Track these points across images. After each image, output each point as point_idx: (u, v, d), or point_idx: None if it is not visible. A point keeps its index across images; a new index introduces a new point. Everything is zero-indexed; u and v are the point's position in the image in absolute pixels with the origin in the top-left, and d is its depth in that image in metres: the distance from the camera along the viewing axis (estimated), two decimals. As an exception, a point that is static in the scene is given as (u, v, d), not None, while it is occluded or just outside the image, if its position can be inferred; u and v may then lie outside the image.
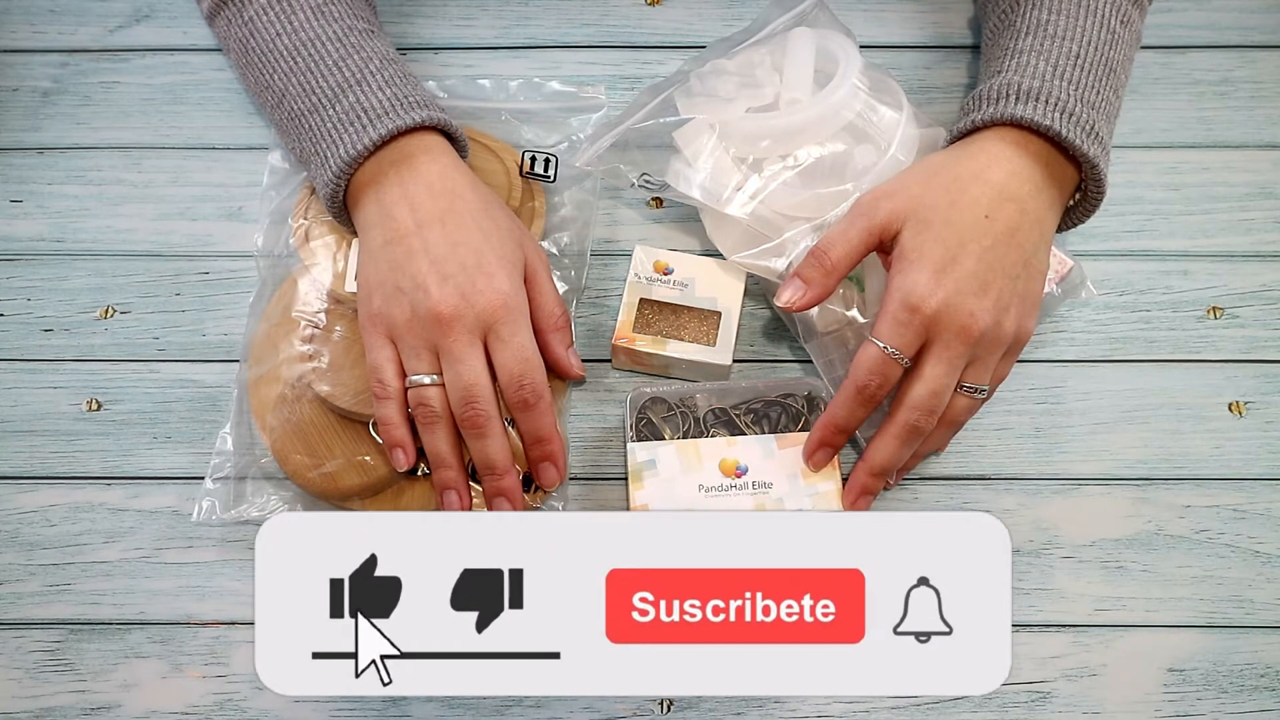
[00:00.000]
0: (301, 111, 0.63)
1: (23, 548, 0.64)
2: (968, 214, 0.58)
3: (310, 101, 0.63)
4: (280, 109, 0.65)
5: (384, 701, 0.60)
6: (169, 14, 0.78)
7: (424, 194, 0.60)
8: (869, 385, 0.58)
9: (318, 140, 0.62)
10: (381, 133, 0.60)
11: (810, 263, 0.60)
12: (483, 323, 0.58)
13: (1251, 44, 0.77)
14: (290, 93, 0.64)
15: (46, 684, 0.61)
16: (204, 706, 0.60)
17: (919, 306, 0.57)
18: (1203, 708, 0.61)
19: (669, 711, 0.60)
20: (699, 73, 0.69)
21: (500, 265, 0.59)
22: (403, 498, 0.63)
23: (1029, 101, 0.60)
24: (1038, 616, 0.62)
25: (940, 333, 0.57)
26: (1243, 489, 0.65)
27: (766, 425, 0.64)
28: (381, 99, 0.62)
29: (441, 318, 0.58)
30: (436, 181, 0.61)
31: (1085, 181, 0.62)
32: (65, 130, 0.75)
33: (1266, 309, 0.70)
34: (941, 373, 0.57)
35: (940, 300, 0.56)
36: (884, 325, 0.57)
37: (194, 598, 0.63)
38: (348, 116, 0.61)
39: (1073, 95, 0.60)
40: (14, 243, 0.71)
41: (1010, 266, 0.58)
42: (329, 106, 0.62)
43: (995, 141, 0.60)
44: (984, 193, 0.59)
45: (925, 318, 0.57)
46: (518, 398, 0.59)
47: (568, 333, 0.64)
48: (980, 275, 0.57)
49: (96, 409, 0.67)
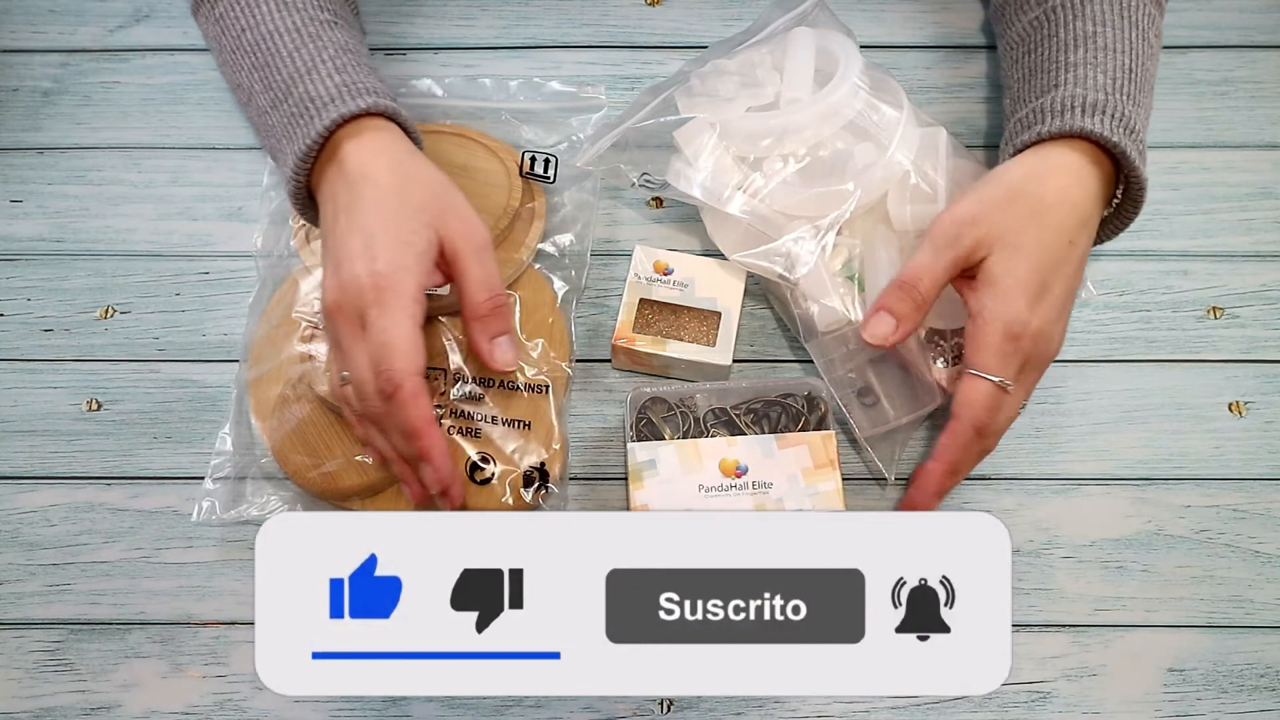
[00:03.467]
0: (265, 108, 0.62)
1: (23, 548, 0.64)
2: (1054, 239, 0.58)
3: (270, 97, 0.62)
4: (250, 106, 0.64)
5: (384, 701, 0.60)
6: (169, 14, 0.78)
7: (341, 186, 0.58)
8: (988, 423, 0.58)
9: (278, 138, 0.61)
10: (326, 125, 0.58)
11: (899, 296, 0.59)
12: (358, 309, 0.56)
13: (1251, 44, 0.77)
14: (256, 89, 0.63)
15: (46, 684, 0.61)
16: (204, 706, 0.60)
17: (1020, 335, 0.57)
18: (1203, 708, 0.61)
19: (669, 711, 0.60)
20: (699, 73, 0.69)
21: (387, 247, 0.56)
22: (403, 498, 0.63)
23: (1096, 115, 0.59)
24: (1038, 616, 0.62)
25: (1031, 359, 0.58)
26: (1243, 489, 0.65)
27: (766, 425, 0.64)
28: (327, 87, 0.60)
29: (329, 311, 0.57)
30: (353, 171, 0.58)
31: (1126, 195, 0.62)
32: (65, 130, 0.75)
33: (1266, 309, 0.70)
34: (1022, 397, 0.59)
35: (1035, 329, 0.57)
36: (990, 358, 0.57)
37: (194, 598, 0.63)
38: (298, 110, 0.60)
39: (1129, 110, 0.60)
40: (14, 243, 0.71)
41: (1072, 288, 0.59)
42: (284, 102, 0.61)
43: (1069, 155, 0.60)
44: (1069, 217, 0.59)
45: (1024, 346, 0.57)
46: (375, 388, 0.55)
47: (495, 320, 0.59)
48: (1063, 301, 0.59)
49: (96, 409, 0.67)
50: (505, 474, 0.62)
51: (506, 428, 0.63)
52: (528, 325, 0.66)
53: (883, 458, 0.64)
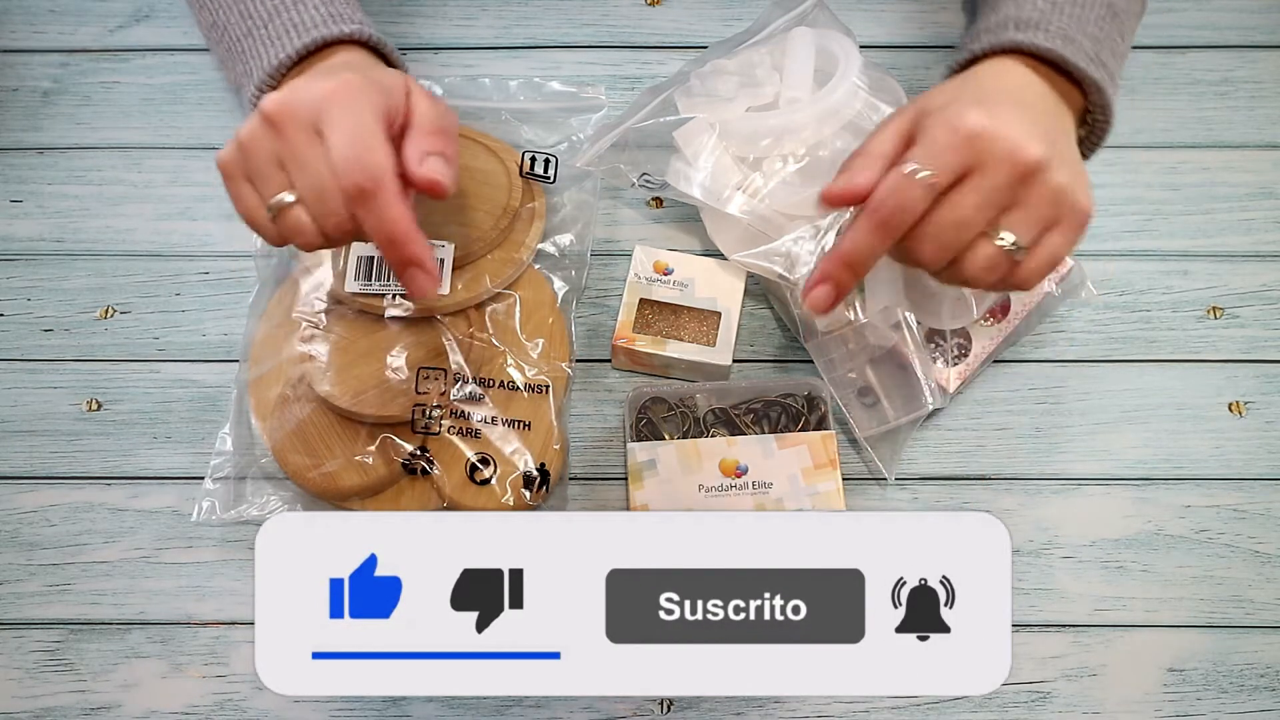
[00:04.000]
0: (238, 37, 0.61)
1: (23, 548, 0.64)
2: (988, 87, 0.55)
3: (246, 26, 0.61)
4: (223, 42, 0.63)
5: (384, 701, 0.60)
6: (169, 14, 0.78)
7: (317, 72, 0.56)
8: (883, 208, 0.50)
9: (247, 60, 0.60)
10: (305, 42, 0.57)
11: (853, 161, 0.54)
12: (314, 115, 0.51)
13: (1251, 44, 0.77)
14: (231, 22, 0.62)
15: (46, 684, 0.61)
16: (204, 706, 0.60)
17: (960, 124, 0.50)
18: (1203, 708, 0.61)
19: (669, 711, 0.60)
20: (699, 73, 0.69)
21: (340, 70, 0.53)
22: (402, 498, 0.63)
23: (1028, 29, 0.57)
24: (1038, 616, 0.62)
25: (984, 159, 0.49)
26: (1243, 489, 0.65)
27: (766, 425, 0.64)
28: (315, 15, 0.59)
29: (272, 118, 0.51)
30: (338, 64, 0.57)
31: (1092, 110, 0.59)
32: (65, 130, 0.75)
33: (1266, 309, 0.70)
34: (973, 201, 0.50)
35: (986, 123, 0.49)
36: (916, 149, 0.51)
37: (194, 598, 0.63)
38: (277, 33, 0.59)
39: (1075, 28, 0.57)
40: (14, 243, 0.71)
41: (1047, 126, 0.52)
42: (263, 27, 0.60)
43: (999, 64, 0.57)
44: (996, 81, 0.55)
45: (970, 135, 0.49)
46: (351, 185, 0.49)
47: (437, 138, 0.53)
48: (1020, 118, 0.51)
49: (96, 409, 0.67)
50: (505, 474, 0.62)
51: (506, 428, 0.63)
52: (528, 325, 0.66)
53: (883, 458, 0.64)
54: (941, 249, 0.51)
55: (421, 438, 0.62)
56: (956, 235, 0.50)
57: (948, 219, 0.50)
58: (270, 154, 0.51)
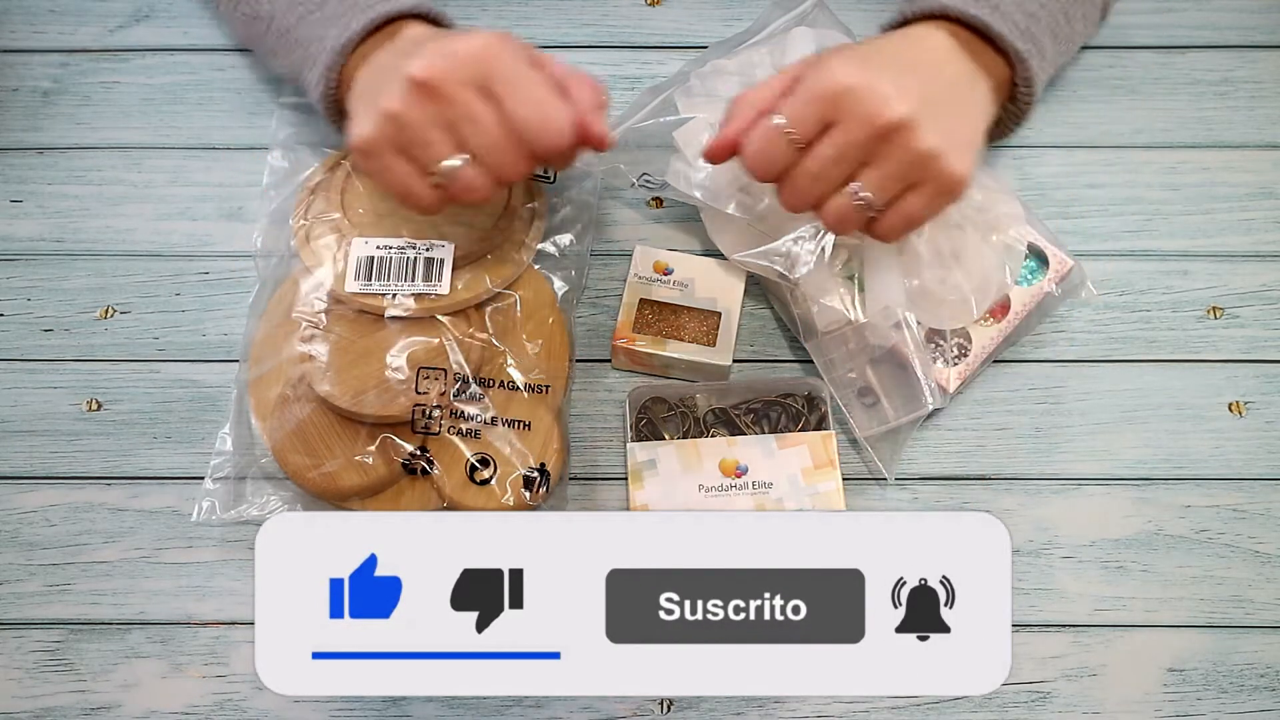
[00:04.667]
0: (290, 25, 0.62)
1: (23, 548, 0.64)
2: (887, 49, 0.56)
3: (298, 13, 0.62)
4: (270, 33, 0.64)
5: (384, 701, 0.60)
6: (169, 14, 0.78)
7: (408, 43, 0.56)
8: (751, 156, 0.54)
9: (307, 45, 0.61)
10: (370, 18, 0.58)
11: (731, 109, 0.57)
12: (476, 74, 0.52)
13: (1251, 44, 0.77)
14: (279, 12, 0.63)
15: (46, 684, 0.61)
16: (204, 706, 0.60)
17: (827, 78, 0.52)
18: (1203, 708, 0.61)
19: (669, 711, 0.60)
20: (699, 73, 0.69)
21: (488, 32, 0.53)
22: (402, 498, 0.63)
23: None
24: (1038, 616, 0.62)
25: (845, 113, 0.52)
26: (1243, 489, 0.65)
27: (766, 425, 0.64)
28: None
29: (428, 83, 0.51)
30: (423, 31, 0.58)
31: (1016, 83, 0.59)
32: (65, 130, 0.75)
33: (1266, 309, 0.70)
34: (829, 154, 0.53)
35: (854, 78, 0.51)
36: (787, 102, 0.53)
37: (194, 598, 0.63)
38: (335, 14, 0.60)
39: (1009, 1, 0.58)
40: (14, 243, 0.71)
41: (932, 91, 0.53)
42: (317, 11, 0.61)
43: (923, 29, 0.57)
44: (898, 41, 0.56)
45: (835, 90, 0.51)
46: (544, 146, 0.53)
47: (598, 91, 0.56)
48: (898, 79, 0.52)
49: (96, 409, 0.67)
50: (505, 474, 0.62)
51: (506, 428, 0.63)
52: (528, 325, 0.66)
53: (883, 458, 0.64)
54: (801, 196, 0.55)
55: (421, 438, 0.62)
56: (813, 185, 0.54)
57: (806, 169, 0.53)
58: (432, 120, 0.52)
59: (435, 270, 0.64)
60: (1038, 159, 0.74)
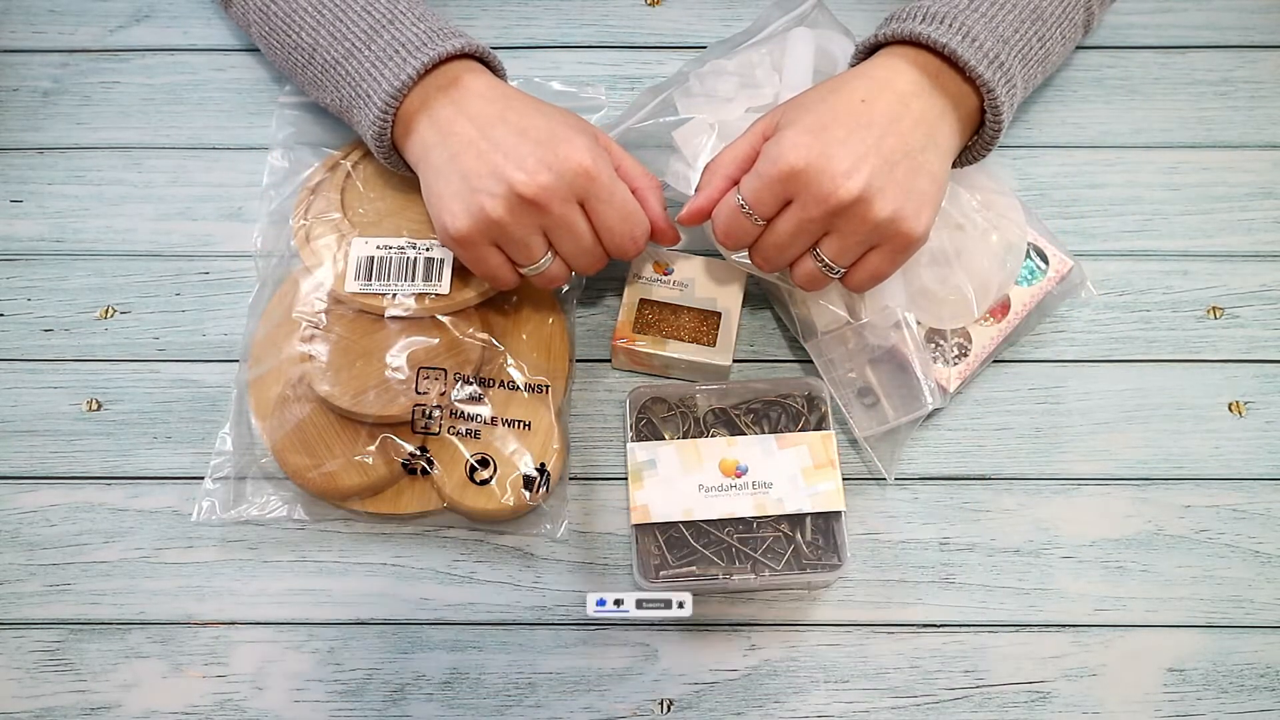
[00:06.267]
0: (336, 59, 0.62)
1: (23, 548, 0.64)
2: (843, 99, 0.57)
3: (344, 48, 0.62)
4: (313, 64, 0.64)
5: (384, 701, 0.60)
6: (169, 14, 0.78)
7: (478, 103, 0.60)
8: (720, 231, 0.60)
9: (358, 82, 0.61)
10: (424, 61, 0.59)
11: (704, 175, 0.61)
12: (576, 189, 0.58)
13: (1251, 44, 0.77)
14: (321, 44, 0.63)
15: (46, 684, 0.61)
16: (204, 706, 0.60)
17: (780, 160, 0.55)
18: (1203, 708, 0.61)
19: (669, 711, 0.60)
20: (699, 73, 0.69)
21: (576, 133, 0.59)
22: (402, 498, 0.63)
23: (931, 23, 0.58)
24: (1038, 616, 0.62)
25: (799, 193, 0.56)
26: (1243, 489, 0.65)
27: (766, 425, 0.64)
28: (417, 32, 0.61)
29: (536, 200, 0.57)
30: (487, 91, 0.60)
31: (984, 111, 0.60)
32: (65, 130, 0.75)
33: (1266, 309, 0.70)
34: (788, 230, 0.57)
35: (806, 158, 0.55)
36: (746, 180, 0.57)
37: (194, 598, 0.63)
38: (385, 53, 0.61)
39: (981, 25, 0.59)
40: (14, 243, 0.71)
41: (888, 151, 0.56)
42: (364, 49, 0.61)
43: (887, 56, 0.59)
44: (862, 85, 0.58)
45: (787, 173, 0.55)
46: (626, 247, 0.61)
47: (662, 193, 0.63)
48: (853, 148, 0.55)
49: (96, 409, 0.67)
50: (505, 474, 0.62)
51: (506, 428, 0.63)
52: (528, 326, 0.66)
53: (882, 458, 0.64)
54: (769, 262, 0.60)
55: (421, 438, 0.62)
56: (780, 253, 0.59)
57: (770, 241, 0.59)
58: (533, 227, 0.58)
59: (435, 270, 0.64)
60: (1038, 159, 0.74)
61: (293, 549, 0.64)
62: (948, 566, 0.64)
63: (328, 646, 0.62)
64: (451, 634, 0.62)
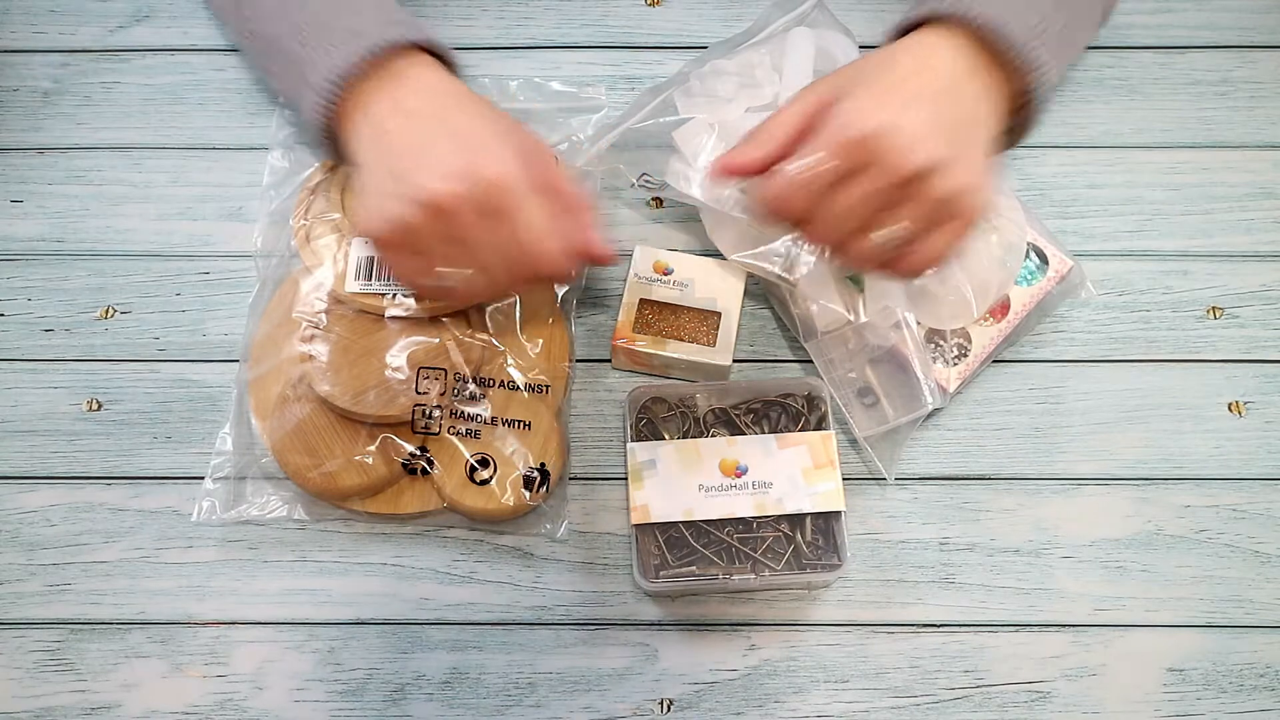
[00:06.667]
0: (291, 48, 0.61)
1: (23, 548, 0.64)
2: (900, 71, 0.55)
3: (301, 37, 0.60)
4: (269, 55, 0.63)
5: (383, 701, 0.60)
6: (169, 14, 0.78)
7: (415, 99, 0.57)
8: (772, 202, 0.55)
9: (303, 68, 0.59)
10: (369, 46, 0.57)
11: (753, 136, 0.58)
12: (488, 202, 0.55)
13: (1251, 44, 0.77)
14: (283, 34, 0.61)
15: (46, 684, 0.61)
16: (204, 706, 0.60)
17: (850, 127, 0.52)
18: (1203, 708, 0.61)
19: (669, 711, 0.60)
20: (699, 73, 0.69)
21: (501, 143, 0.56)
22: (402, 498, 0.63)
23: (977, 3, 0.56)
24: (1038, 616, 0.63)
25: (872, 161, 0.52)
26: (1243, 489, 0.65)
27: (766, 425, 0.64)
28: (369, 20, 0.59)
29: (443, 208, 0.54)
30: (430, 86, 0.58)
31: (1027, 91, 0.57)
32: (65, 130, 0.75)
33: (1266, 309, 0.70)
34: (857, 198, 0.53)
35: (882, 124, 0.52)
36: (809, 146, 0.53)
37: (194, 598, 0.63)
38: (340, 39, 0.58)
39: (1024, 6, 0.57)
40: (14, 243, 0.71)
41: (953, 123, 0.53)
42: (318, 36, 0.59)
43: (931, 38, 0.56)
44: (911, 59, 0.56)
45: (858, 140, 0.52)
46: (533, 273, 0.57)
47: (591, 214, 0.59)
48: (923, 117, 0.52)
49: (97, 409, 0.67)
50: (505, 474, 0.62)
51: (506, 428, 0.63)
52: (528, 326, 0.66)
53: (882, 458, 0.64)
54: (826, 234, 0.55)
55: (421, 438, 0.62)
56: (839, 225, 0.54)
57: (832, 210, 0.54)
58: (441, 235, 0.55)
59: (435, 270, 0.64)
60: (1038, 159, 0.74)
61: (293, 549, 0.64)
62: (948, 566, 0.64)
63: (328, 646, 0.62)
64: (451, 634, 0.62)
